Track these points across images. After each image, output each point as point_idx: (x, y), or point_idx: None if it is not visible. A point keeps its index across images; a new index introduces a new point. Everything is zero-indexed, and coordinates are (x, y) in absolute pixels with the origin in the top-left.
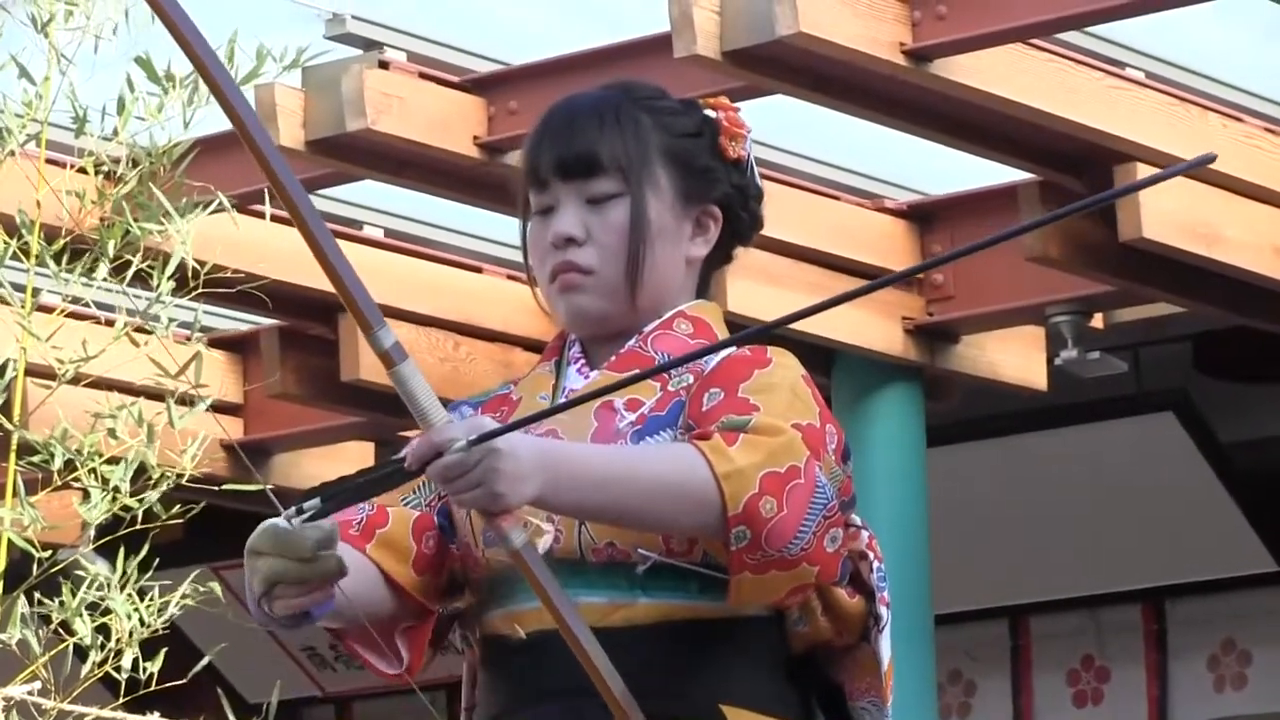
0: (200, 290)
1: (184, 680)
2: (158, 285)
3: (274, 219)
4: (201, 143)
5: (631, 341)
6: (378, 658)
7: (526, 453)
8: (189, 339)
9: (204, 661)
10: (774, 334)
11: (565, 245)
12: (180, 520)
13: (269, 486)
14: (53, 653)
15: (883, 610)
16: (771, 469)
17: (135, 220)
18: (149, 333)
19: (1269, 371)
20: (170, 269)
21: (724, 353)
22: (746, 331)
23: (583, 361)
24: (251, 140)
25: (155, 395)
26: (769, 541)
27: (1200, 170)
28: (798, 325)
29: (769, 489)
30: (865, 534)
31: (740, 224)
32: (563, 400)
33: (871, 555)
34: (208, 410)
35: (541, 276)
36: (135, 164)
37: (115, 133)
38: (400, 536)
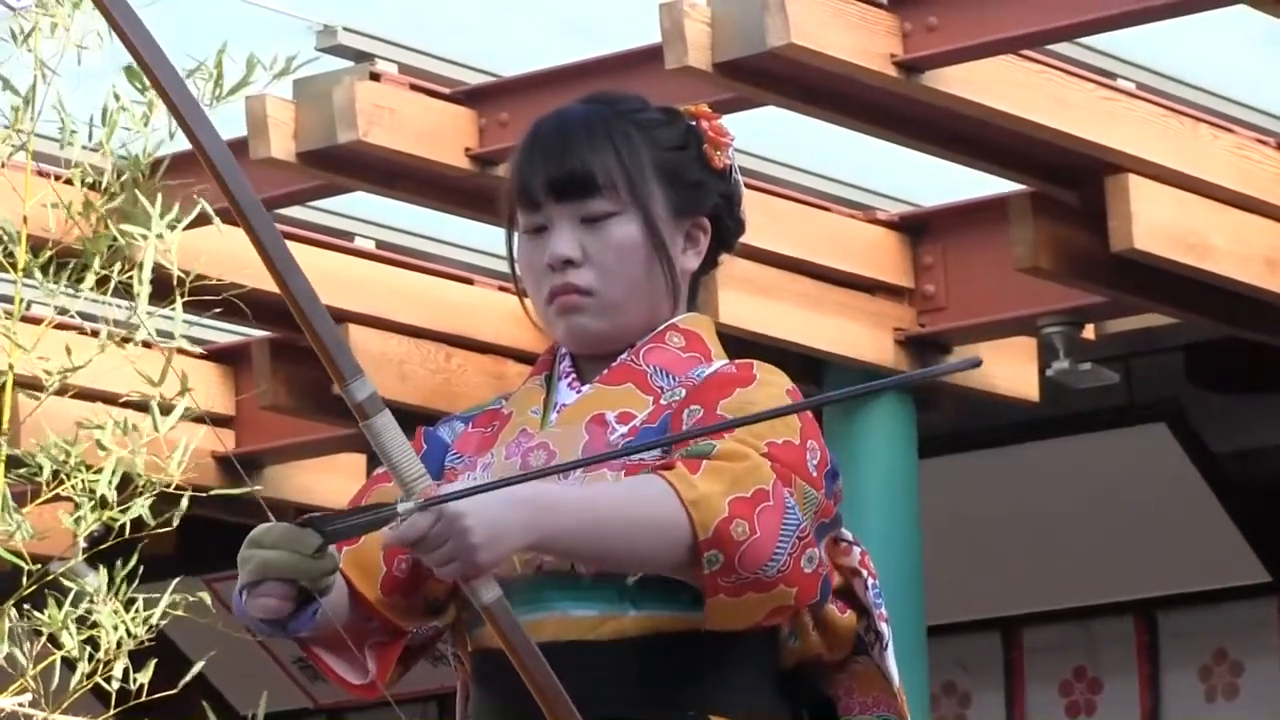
0: (186, 300)
1: (174, 690)
2: (138, 293)
3: None
4: (191, 154)
5: (624, 355)
6: (344, 667)
7: (497, 513)
8: (173, 350)
9: (194, 672)
10: (762, 345)
11: (563, 267)
12: (170, 530)
13: (256, 489)
14: (43, 665)
15: (883, 627)
16: (738, 494)
17: (120, 231)
18: (135, 342)
19: (1261, 382)
20: (146, 274)
21: (713, 366)
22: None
23: (573, 376)
24: (219, 176)
25: (143, 406)
26: (743, 564)
27: (1191, 181)
28: (788, 337)
29: (739, 512)
30: (857, 550)
31: (727, 232)
32: (554, 415)
33: (865, 572)
34: (198, 421)
35: (537, 296)
36: (120, 175)
37: (102, 144)
38: (370, 556)
